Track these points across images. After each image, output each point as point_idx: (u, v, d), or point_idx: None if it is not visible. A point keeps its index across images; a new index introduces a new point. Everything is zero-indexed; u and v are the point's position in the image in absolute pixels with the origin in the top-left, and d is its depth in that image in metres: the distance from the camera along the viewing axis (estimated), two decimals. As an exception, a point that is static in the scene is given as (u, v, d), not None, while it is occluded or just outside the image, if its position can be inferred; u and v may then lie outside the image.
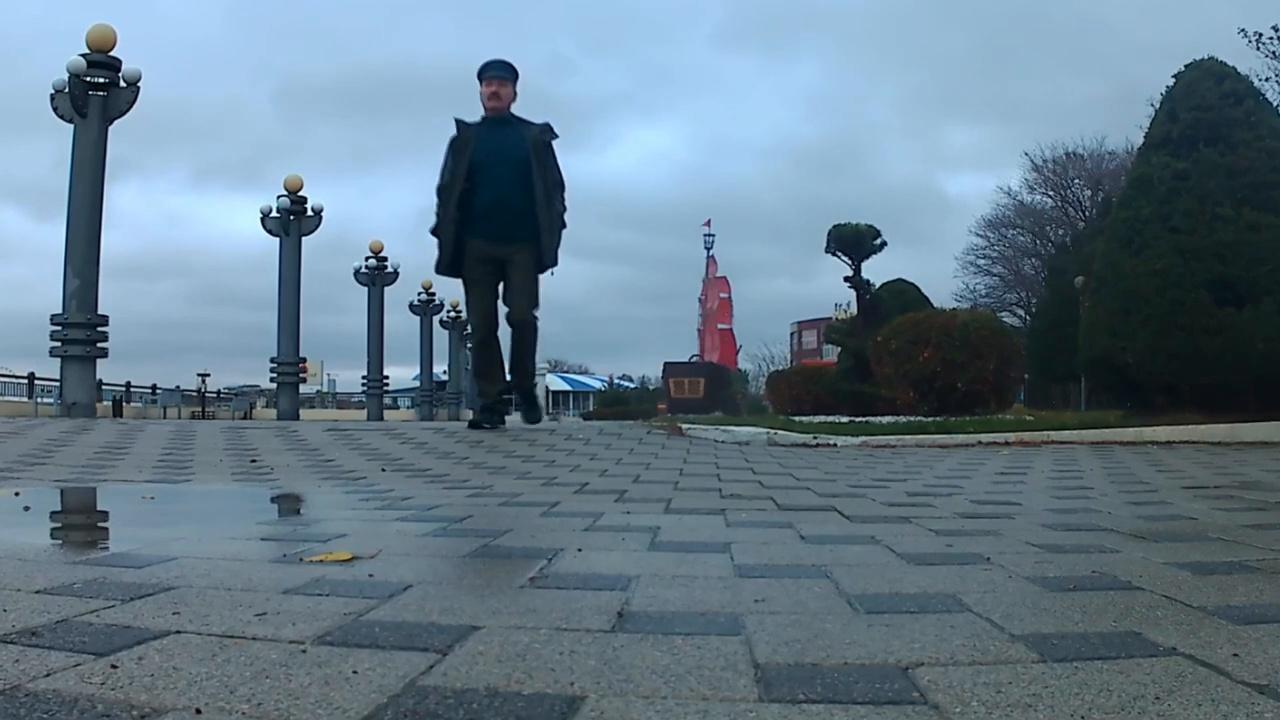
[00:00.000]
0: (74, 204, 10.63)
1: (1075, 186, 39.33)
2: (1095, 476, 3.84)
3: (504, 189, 5.87)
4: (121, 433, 5.78)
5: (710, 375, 30.26)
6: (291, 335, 17.88)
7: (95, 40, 10.86)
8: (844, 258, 13.83)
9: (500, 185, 5.88)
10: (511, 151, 5.91)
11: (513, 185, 5.87)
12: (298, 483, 3.39)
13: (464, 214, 5.87)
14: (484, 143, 5.95)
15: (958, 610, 1.29)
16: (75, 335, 10.60)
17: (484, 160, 5.90)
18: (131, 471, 3.74)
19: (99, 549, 1.84)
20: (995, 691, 0.93)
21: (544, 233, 5.90)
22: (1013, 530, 2.13)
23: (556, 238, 6.03)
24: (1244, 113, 7.66)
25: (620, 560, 1.68)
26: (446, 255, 5.94)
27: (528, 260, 5.95)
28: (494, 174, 5.89)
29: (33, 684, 0.91)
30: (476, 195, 5.88)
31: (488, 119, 6.05)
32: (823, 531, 2.09)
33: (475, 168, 5.88)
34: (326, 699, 0.89)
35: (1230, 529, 2.15)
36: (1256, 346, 6.93)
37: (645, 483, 3.34)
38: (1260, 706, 0.88)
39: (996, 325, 10.98)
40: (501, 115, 6.05)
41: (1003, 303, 39.68)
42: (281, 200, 17.59)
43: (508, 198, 5.87)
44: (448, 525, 2.15)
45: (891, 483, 3.50)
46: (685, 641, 1.10)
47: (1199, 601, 1.34)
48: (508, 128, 6.02)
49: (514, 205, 5.85)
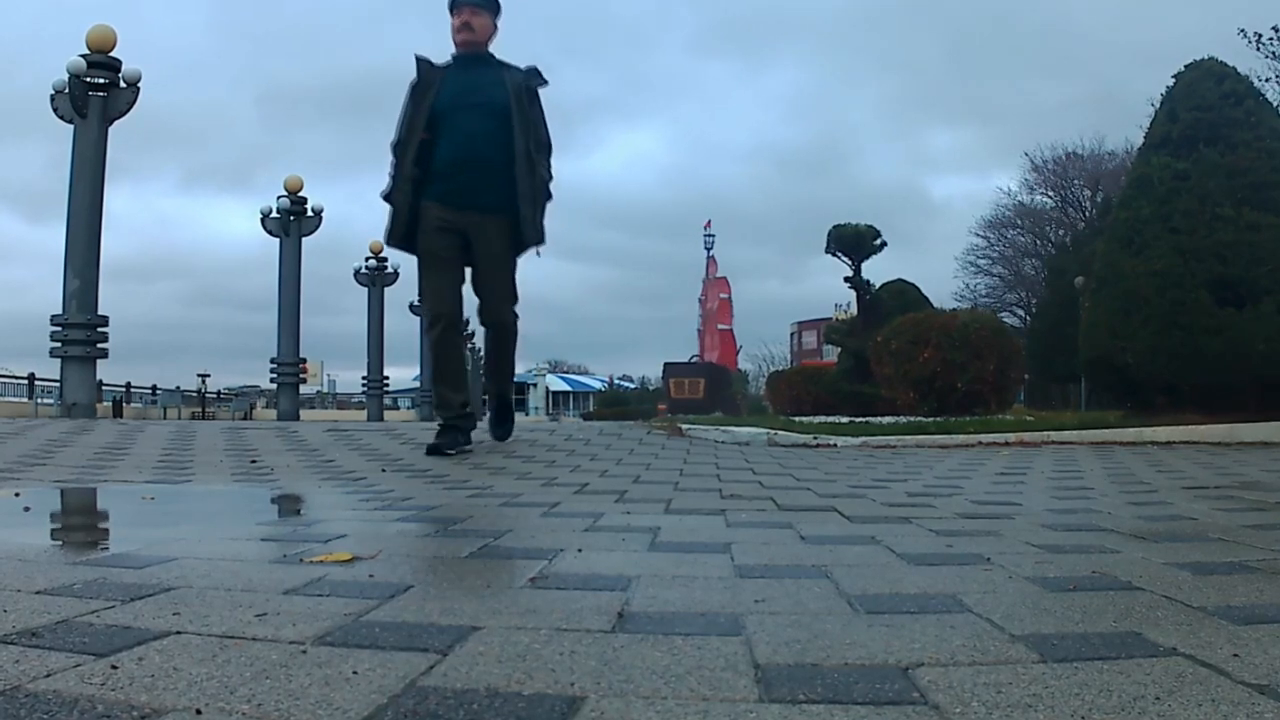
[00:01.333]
0: (74, 204, 10.64)
1: (1075, 186, 39.36)
2: (1095, 477, 3.84)
3: (474, 141, 4.55)
4: (121, 433, 5.78)
5: (710, 376, 30.27)
6: (292, 335, 17.89)
7: (95, 41, 10.87)
8: (844, 258, 13.85)
9: (470, 136, 4.55)
10: (487, 95, 4.60)
11: (486, 137, 4.55)
12: (298, 483, 3.39)
13: (423, 172, 4.57)
14: (451, 85, 4.64)
15: (958, 610, 1.29)
16: (75, 336, 10.60)
17: (450, 105, 4.59)
18: (131, 472, 3.74)
19: (99, 549, 1.84)
20: (995, 692, 0.93)
21: (524, 200, 4.53)
22: (1013, 530, 2.13)
23: (540, 209, 4.65)
24: (1244, 113, 7.67)
25: (620, 561, 1.68)
26: (400, 223, 4.58)
27: (502, 236, 4.59)
28: (462, 122, 4.56)
29: (33, 684, 0.91)
30: (439, 148, 4.56)
31: (458, 57, 4.72)
32: (823, 532, 2.09)
33: (439, 114, 4.57)
34: (326, 699, 0.89)
35: (1230, 529, 2.15)
36: (1256, 346, 6.93)
37: (645, 483, 3.34)
38: (1260, 707, 0.88)
39: (996, 325, 10.98)
40: (475, 52, 4.70)
41: (1003, 303, 39.69)
42: (281, 200, 17.61)
43: (479, 152, 4.55)
44: (448, 525, 2.15)
45: (891, 483, 3.50)
46: (685, 642, 1.10)
47: (1199, 602, 1.34)
48: (483, 68, 4.69)
49: (486, 162, 4.54)
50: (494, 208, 4.54)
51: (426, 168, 4.56)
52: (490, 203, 4.54)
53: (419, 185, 4.56)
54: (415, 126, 4.57)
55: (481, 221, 4.55)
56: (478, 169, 4.54)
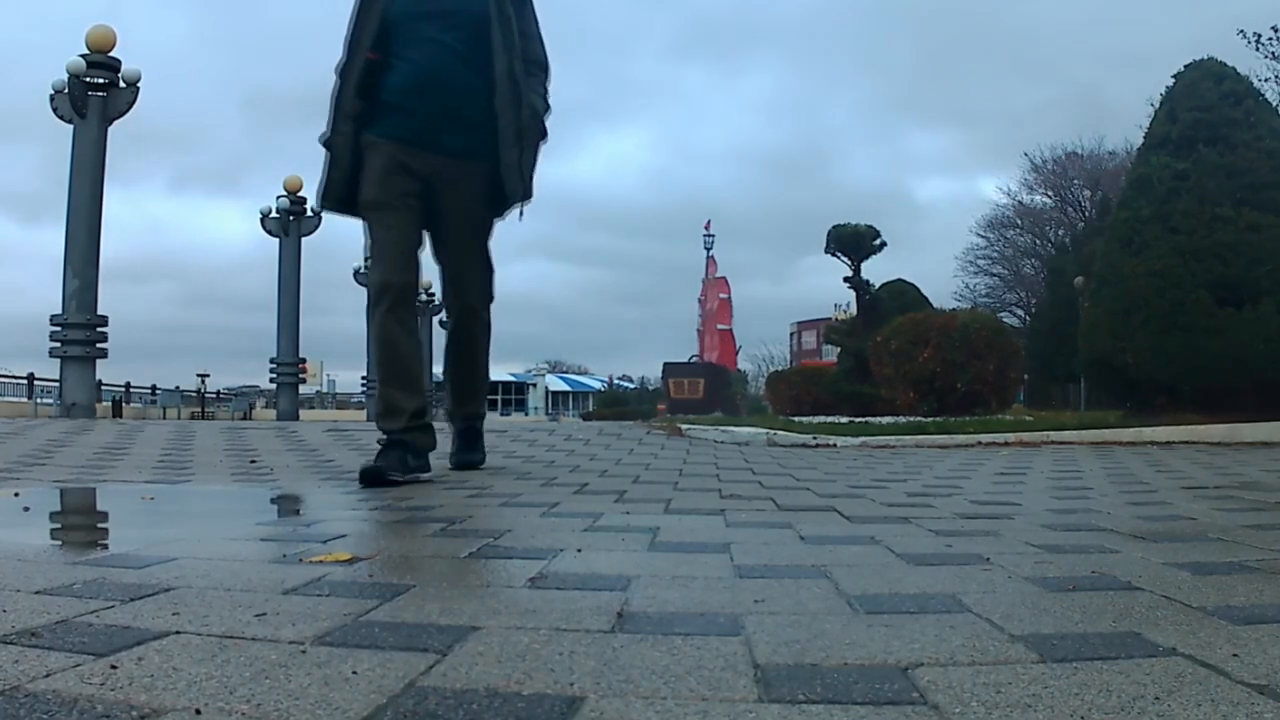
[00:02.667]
0: (73, 205, 10.65)
1: (1074, 186, 39.39)
2: (1095, 477, 3.84)
3: (440, 60, 3.39)
4: (121, 433, 5.78)
5: (710, 376, 30.29)
6: (291, 335, 17.91)
7: (95, 41, 10.88)
8: (843, 258, 13.86)
9: (434, 54, 3.39)
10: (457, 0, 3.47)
11: (454, 55, 3.40)
12: (297, 483, 3.39)
13: (371, 103, 3.38)
14: None
15: (957, 610, 1.29)
16: (75, 336, 10.61)
17: (407, 12, 3.42)
18: (131, 472, 3.74)
19: (99, 549, 1.84)
20: (995, 692, 0.93)
21: (506, 141, 3.39)
22: (1012, 531, 2.13)
23: (530, 153, 3.50)
24: (1244, 113, 7.67)
25: (620, 560, 1.68)
26: (338, 172, 3.37)
27: (475, 191, 3.45)
28: (423, 34, 3.40)
29: (32, 684, 0.91)
30: (391, 70, 3.39)
31: None
32: (822, 532, 2.09)
33: (392, 26, 3.40)
34: (326, 699, 0.89)
35: (1230, 529, 2.15)
36: (1256, 347, 6.94)
37: (645, 483, 3.34)
38: (1260, 707, 0.88)
39: (996, 326, 11.00)
40: None
41: (1002, 303, 39.75)
42: (281, 200, 17.62)
43: (445, 74, 3.39)
44: (447, 525, 2.15)
45: (891, 483, 3.50)
46: (685, 642, 1.10)
47: (1199, 602, 1.34)
48: None
49: (456, 88, 3.38)
50: (465, 151, 3.41)
51: (376, 99, 3.39)
52: (460, 144, 3.40)
53: (365, 122, 3.37)
54: (360, 43, 3.40)
55: (448, 169, 3.39)
56: (443, 97, 3.37)
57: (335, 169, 3.38)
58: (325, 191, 3.44)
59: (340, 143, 3.37)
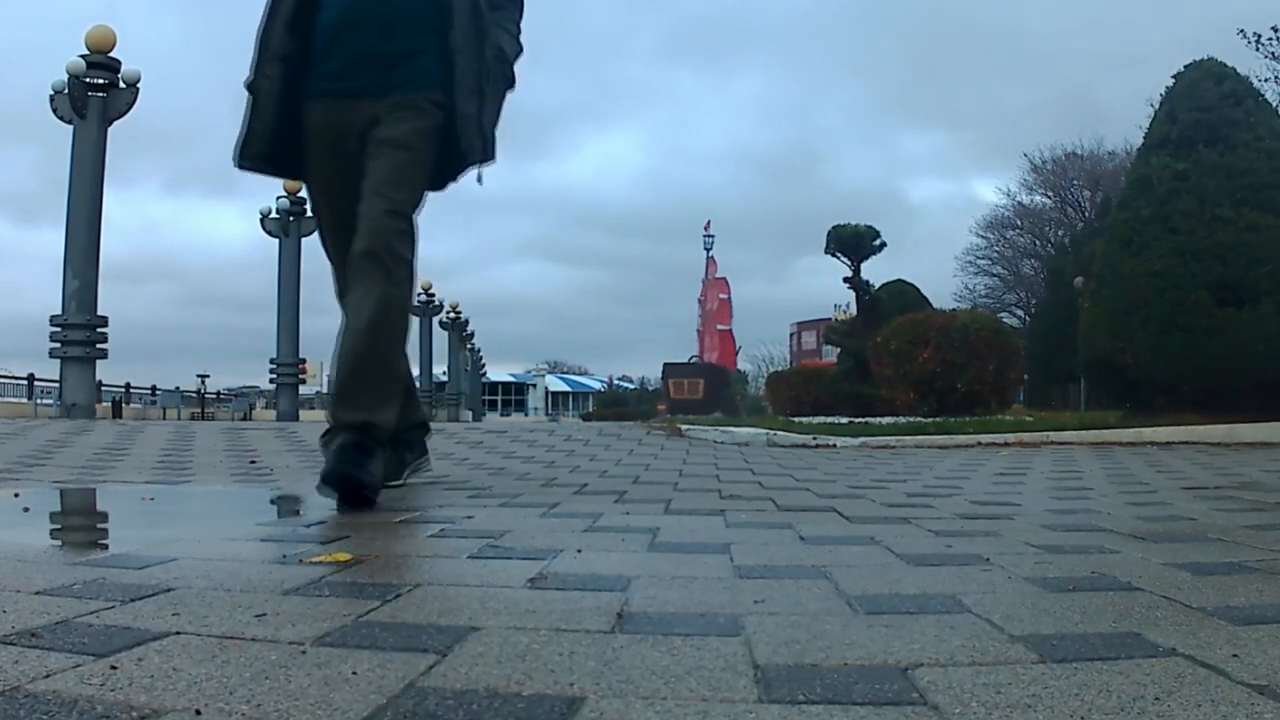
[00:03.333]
0: (73, 205, 10.65)
1: (1074, 187, 39.39)
2: (1095, 477, 3.84)
3: None
4: (121, 434, 5.78)
5: (710, 376, 30.25)
6: (291, 336, 17.91)
7: (95, 41, 10.88)
8: (843, 258, 13.87)
9: None
10: None
11: None
12: (297, 484, 3.39)
13: (303, 47, 2.79)
14: None
15: (957, 611, 1.29)
16: (75, 336, 10.62)
17: None
18: (131, 472, 3.74)
19: (98, 550, 1.84)
20: (995, 692, 0.93)
21: (464, 90, 2.74)
22: (1012, 531, 2.13)
23: (493, 104, 2.85)
24: (1243, 113, 7.68)
25: (620, 561, 1.68)
26: (259, 125, 2.78)
27: (413, 128, 2.71)
28: None
29: (32, 685, 0.91)
30: (324, 4, 2.79)
31: None
32: (822, 532, 2.09)
33: None
34: (326, 700, 0.89)
35: (1230, 529, 2.15)
36: (1256, 347, 6.94)
37: (645, 484, 3.34)
38: (1260, 707, 0.88)
39: (996, 326, 11.00)
40: None
41: (1002, 303, 39.74)
42: (281, 201, 17.62)
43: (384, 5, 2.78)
44: (447, 526, 2.15)
45: (891, 484, 3.50)
46: (685, 642, 1.10)
47: (1198, 602, 1.34)
48: None
49: (397, 22, 2.77)
50: (407, 83, 2.75)
51: (306, 41, 2.80)
52: (401, 77, 2.75)
53: (296, 70, 2.79)
54: None
55: (389, 106, 2.72)
56: (382, 32, 2.76)
57: (256, 120, 2.79)
58: (243, 147, 2.82)
59: (265, 87, 2.78)
